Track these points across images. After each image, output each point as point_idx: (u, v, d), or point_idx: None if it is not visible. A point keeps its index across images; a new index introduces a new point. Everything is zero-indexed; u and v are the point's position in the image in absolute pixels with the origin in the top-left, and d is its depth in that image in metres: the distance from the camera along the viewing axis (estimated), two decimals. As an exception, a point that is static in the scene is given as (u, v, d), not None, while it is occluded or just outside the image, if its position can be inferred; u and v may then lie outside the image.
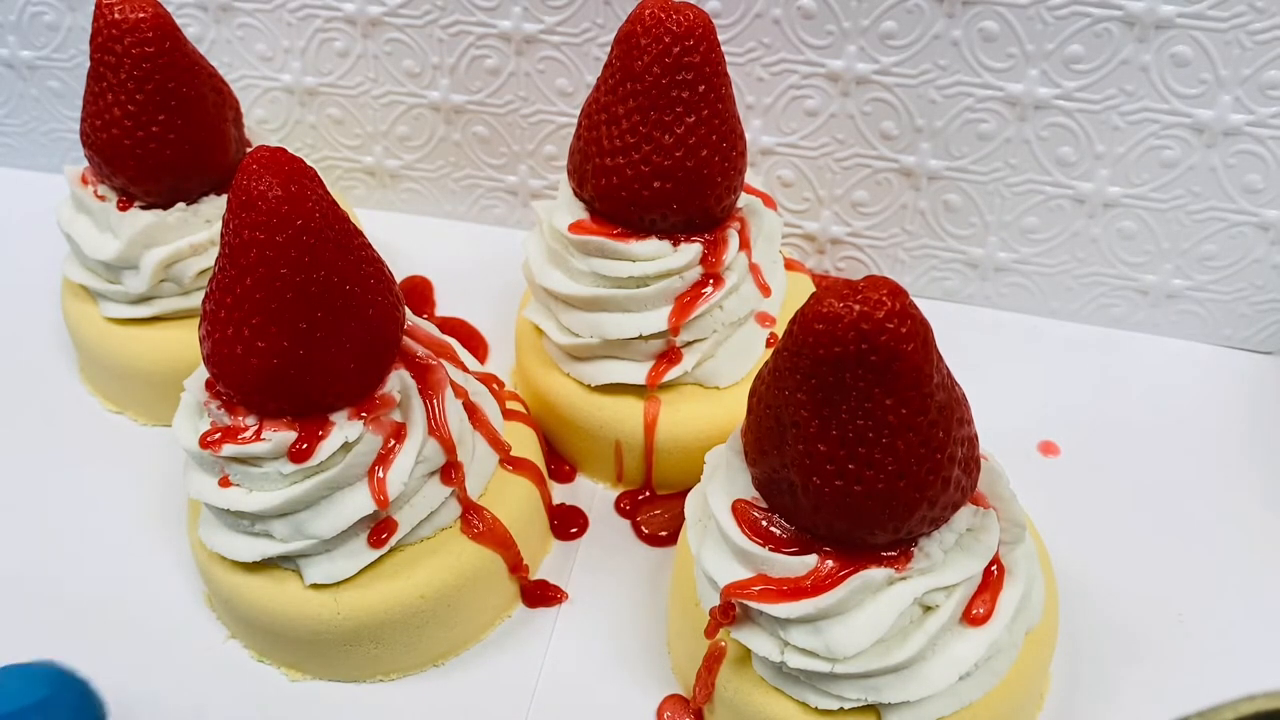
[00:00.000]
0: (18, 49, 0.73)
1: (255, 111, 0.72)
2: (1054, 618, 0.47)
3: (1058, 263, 0.65)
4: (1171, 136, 0.59)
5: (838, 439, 0.39)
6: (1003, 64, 0.59)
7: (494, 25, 0.65)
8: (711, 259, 0.54)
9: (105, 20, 0.56)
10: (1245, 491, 0.57)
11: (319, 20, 0.67)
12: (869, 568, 0.41)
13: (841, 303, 0.37)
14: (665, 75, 0.51)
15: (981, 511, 0.43)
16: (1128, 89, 0.58)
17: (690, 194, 0.53)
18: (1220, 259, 0.62)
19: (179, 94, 0.57)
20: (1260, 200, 0.60)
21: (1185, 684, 0.46)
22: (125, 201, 0.60)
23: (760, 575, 0.43)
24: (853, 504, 0.40)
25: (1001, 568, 0.44)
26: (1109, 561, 0.54)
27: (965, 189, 0.64)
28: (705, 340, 0.56)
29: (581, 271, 0.55)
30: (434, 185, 0.74)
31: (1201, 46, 0.56)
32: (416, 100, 0.70)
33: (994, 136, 0.61)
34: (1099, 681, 0.49)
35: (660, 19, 0.51)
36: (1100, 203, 0.62)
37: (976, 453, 0.43)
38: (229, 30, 0.69)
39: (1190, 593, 0.53)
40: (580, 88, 0.66)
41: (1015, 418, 0.60)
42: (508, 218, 0.74)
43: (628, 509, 0.58)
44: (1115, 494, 0.57)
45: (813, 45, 0.61)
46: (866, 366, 0.38)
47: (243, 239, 0.44)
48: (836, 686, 0.43)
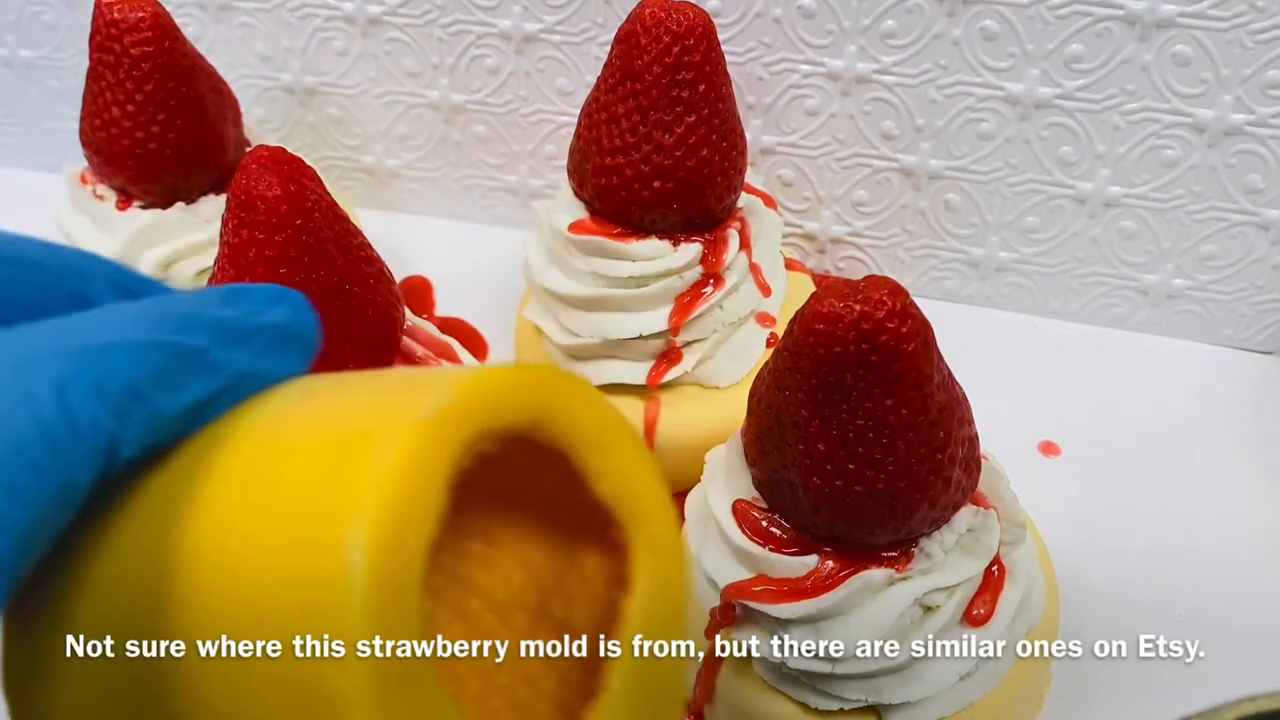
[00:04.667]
0: (16, 48, 0.73)
1: (254, 111, 0.72)
2: (1055, 618, 0.47)
3: (1058, 262, 0.65)
4: (1172, 136, 0.59)
5: (838, 439, 0.39)
6: (1003, 63, 0.59)
7: (494, 25, 0.65)
8: (712, 259, 0.54)
9: (104, 20, 0.56)
10: (1247, 491, 0.57)
11: (318, 20, 0.67)
12: (869, 568, 0.41)
13: (842, 302, 0.37)
14: (665, 75, 0.51)
15: (982, 512, 0.43)
16: (1128, 88, 0.58)
17: (690, 194, 0.53)
18: (1221, 259, 0.62)
19: (178, 93, 0.57)
20: (1261, 200, 0.60)
21: (1186, 684, 0.46)
22: (124, 201, 0.60)
23: (760, 576, 0.43)
24: (853, 504, 0.40)
25: (1002, 568, 0.44)
26: (1110, 562, 0.54)
27: (966, 189, 0.64)
28: (705, 340, 0.56)
29: (581, 271, 0.55)
30: (434, 185, 0.74)
31: (1202, 46, 0.56)
32: (416, 100, 0.69)
33: (994, 136, 0.61)
34: (1100, 682, 0.49)
35: (660, 18, 0.51)
36: (1101, 202, 0.62)
37: (977, 453, 0.43)
38: (228, 29, 0.69)
39: (1191, 593, 0.53)
40: (580, 87, 0.66)
41: (1016, 418, 0.60)
42: (508, 217, 0.74)
43: (627, 509, 0.58)
44: (1116, 494, 0.57)
45: (813, 45, 0.61)
46: (867, 366, 0.38)
47: (242, 239, 0.43)
48: (837, 687, 0.43)
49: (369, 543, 0.20)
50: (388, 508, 0.20)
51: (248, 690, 0.21)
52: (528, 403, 0.25)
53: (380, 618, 0.20)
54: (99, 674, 0.23)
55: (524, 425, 0.24)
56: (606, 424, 0.27)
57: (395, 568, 0.20)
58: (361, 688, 0.20)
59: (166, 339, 0.23)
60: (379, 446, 0.21)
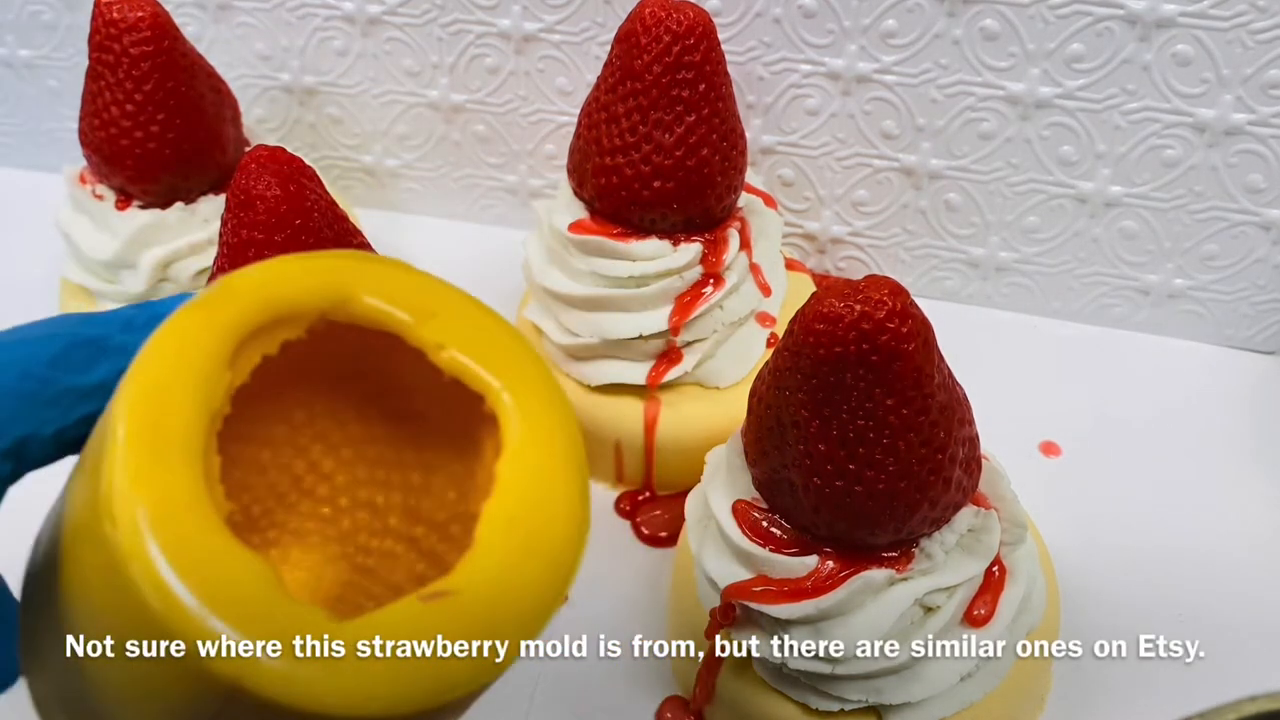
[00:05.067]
0: (16, 48, 0.73)
1: (254, 111, 0.72)
2: (1055, 618, 0.47)
3: (1059, 262, 0.65)
4: (1173, 136, 0.59)
5: (838, 439, 0.39)
6: (1004, 63, 0.59)
7: (493, 24, 0.65)
8: (712, 259, 0.54)
9: (103, 19, 0.56)
10: (1247, 492, 0.57)
11: (318, 19, 0.67)
12: (870, 568, 0.41)
13: (842, 302, 0.37)
14: (666, 74, 0.51)
15: (983, 512, 0.43)
16: (1129, 88, 0.58)
17: (690, 193, 0.53)
18: (1222, 259, 0.62)
19: (177, 93, 0.57)
20: (1262, 200, 0.60)
21: (1187, 684, 0.46)
22: (123, 201, 0.60)
23: (761, 576, 0.43)
24: (853, 504, 0.40)
25: (1003, 568, 0.44)
26: (1110, 562, 0.54)
27: (966, 188, 0.63)
28: (706, 340, 0.55)
29: (581, 271, 0.55)
30: (433, 185, 0.74)
31: (1203, 46, 0.56)
32: (415, 99, 0.69)
33: (995, 135, 0.61)
34: (1100, 682, 0.49)
35: (661, 18, 0.50)
36: (1102, 202, 0.62)
37: (978, 453, 0.43)
38: (227, 29, 0.69)
39: (1191, 593, 0.53)
40: (580, 87, 0.66)
41: (1016, 418, 0.60)
42: (507, 217, 0.74)
43: (628, 509, 0.58)
44: (1117, 494, 0.57)
45: (813, 44, 0.61)
46: (867, 366, 0.37)
47: (241, 238, 0.43)
48: (837, 688, 0.42)
49: (128, 413, 0.23)
50: (140, 383, 0.23)
51: (77, 558, 0.24)
52: (316, 282, 0.26)
53: (139, 475, 0.22)
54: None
55: (320, 304, 0.26)
56: (428, 291, 0.27)
57: (154, 432, 0.23)
58: (134, 538, 0.22)
59: (67, 331, 0.27)
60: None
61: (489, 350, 0.27)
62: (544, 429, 0.26)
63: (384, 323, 0.26)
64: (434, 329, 0.26)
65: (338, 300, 0.26)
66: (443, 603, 0.23)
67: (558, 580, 0.25)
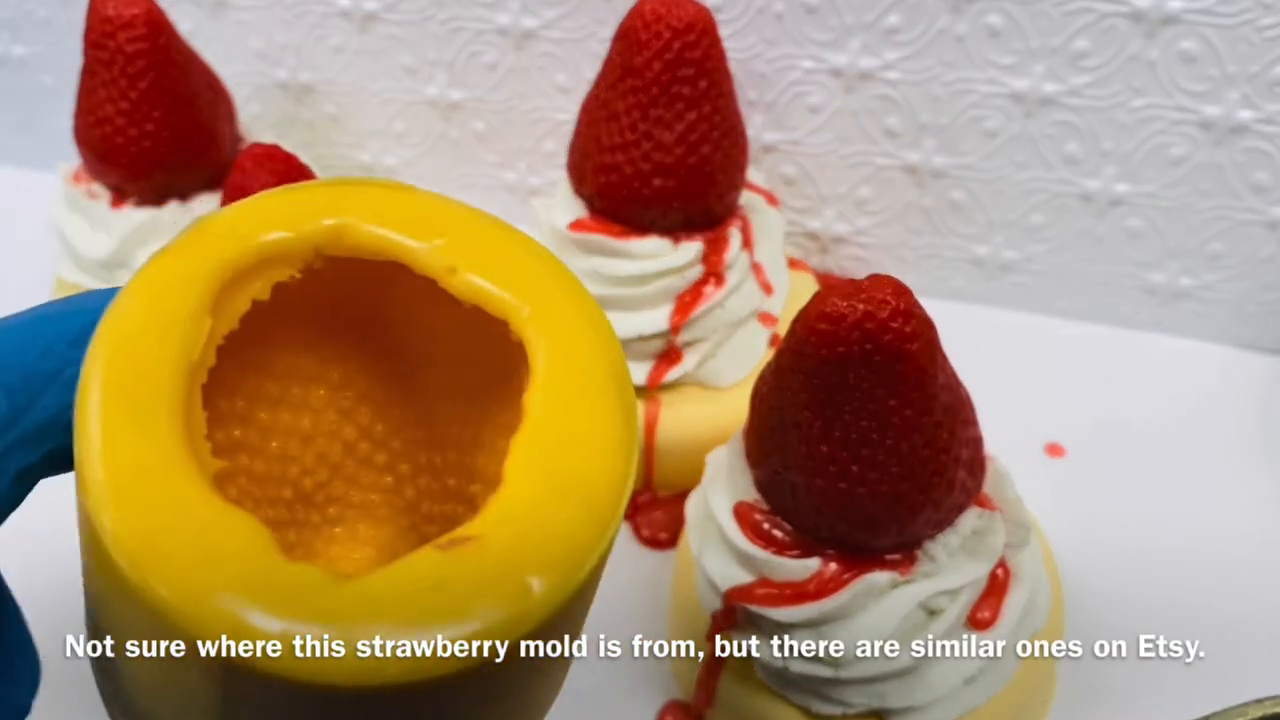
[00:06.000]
0: (10, 45, 0.72)
1: (249, 108, 0.71)
2: (1060, 621, 0.47)
3: (1064, 261, 0.65)
4: (1179, 133, 0.58)
5: (841, 440, 0.39)
6: (1008, 60, 0.58)
7: (492, 20, 0.65)
8: (713, 257, 0.54)
9: (98, 16, 0.56)
10: (1254, 492, 0.57)
11: (314, 15, 0.67)
12: (872, 571, 0.41)
13: (845, 302, 0.37)
14: (666, 71, 0.51)
15: (987, 514, 0.43)
16: (1134, 85, 0.57)
17: (691, 191, 0.52)
18: (1228, 257, 0.62)
19: (173, 90, 0.57)
20: (1268, 198, 0.59)
21: (1192, 688, 0.46)
22: (118, 199, 0.60)
23: (762, 579, 0.43)
24: (856, 506, 0.40)
25: (1007, 571, 0.44)
26: (1115, 564, 0.54)
27: (970, 186, 0.63)
28: (706, 340, 0.55)
29: (581, 270, 0.54)
30: (431, 183, 0.73)
31: (1209, 43, 0.55)
32: (413, 96, 0.69)
33: (999, 133, 0.61)
34: (1105, 685, 0.49)
35: (661, 14, 0.50)
36: (1107, 200, 0.61)
37: (982, 454, 0.43)
38: (223, 25, 0.69)
39: (1198, 595, 0.52)
40: (580, 84, 0.66)
41: (1021, 419, 0.59)
42: (506, 215, 0.73)
43: (628, 511, 0.58)
44: (1122, 495, 0.57)
45: (815, 40, 0.60)
46: (870, 367, 0.37)
47: (236, 237, 0.43)
48: (840, 691, 0.42)
49: (94, 372, 0.21)
50: (107, 339, 0.22)
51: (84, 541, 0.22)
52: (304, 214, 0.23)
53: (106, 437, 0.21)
54: None
55: (313, 238, 0.23)
56: (432, 211, 0.24)
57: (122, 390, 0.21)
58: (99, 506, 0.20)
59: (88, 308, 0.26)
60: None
61: (507, 269, 0.24)
62: (575, 351, 0.23)
63: (387, 251, 0.23)
64: (445, 253, 0.24)
65: (332, 231, 0.23)
66: (463, 549, 0.21)
67: (596, 517, 0.22)
